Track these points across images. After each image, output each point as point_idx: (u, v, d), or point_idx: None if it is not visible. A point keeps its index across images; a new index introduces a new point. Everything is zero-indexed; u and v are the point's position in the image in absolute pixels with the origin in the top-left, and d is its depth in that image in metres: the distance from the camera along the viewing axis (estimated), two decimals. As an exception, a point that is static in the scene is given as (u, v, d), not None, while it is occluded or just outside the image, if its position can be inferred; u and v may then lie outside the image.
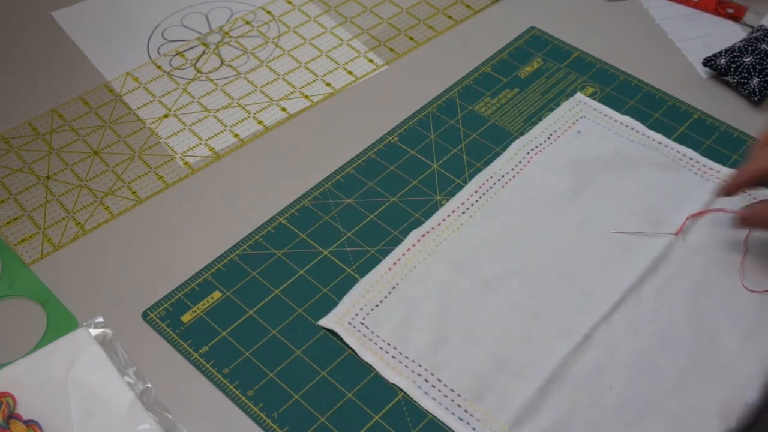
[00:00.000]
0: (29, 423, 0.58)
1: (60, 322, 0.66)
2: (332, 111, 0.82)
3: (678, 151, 0.76)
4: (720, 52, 0.83)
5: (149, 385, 0.62)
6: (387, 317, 0.65)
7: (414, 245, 0.70)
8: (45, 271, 0.70)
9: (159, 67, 0.86)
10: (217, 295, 0.68)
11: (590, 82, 0.83)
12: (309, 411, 0.61)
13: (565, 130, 0.78)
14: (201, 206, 0.74)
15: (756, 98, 0.80)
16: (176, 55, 0.88)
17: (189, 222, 0.73)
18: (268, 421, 0.60)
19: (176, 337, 0.65)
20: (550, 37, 0.88)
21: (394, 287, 0.67)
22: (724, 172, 0.74)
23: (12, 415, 0.58)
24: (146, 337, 0.65)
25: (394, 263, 0.69)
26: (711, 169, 0.74)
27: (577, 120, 0.79)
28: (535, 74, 0.84)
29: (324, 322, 0.65)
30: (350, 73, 0.85)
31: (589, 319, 0.64)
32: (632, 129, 0.78)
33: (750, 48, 0.81)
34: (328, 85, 0.84)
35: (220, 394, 0.62)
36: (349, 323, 0.65)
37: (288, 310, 0.66)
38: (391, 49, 0.88)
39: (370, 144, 0.78)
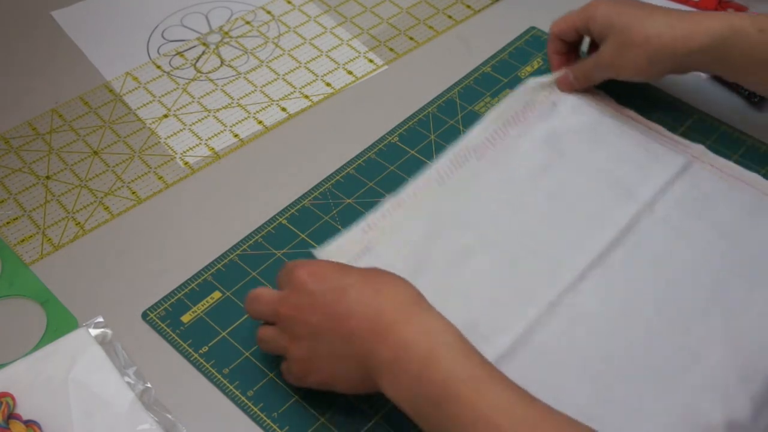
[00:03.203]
0: (29, 423, 0.58)
1: (60, 322, 0.66)
2: (332, 111, 0.82)
3: (649, 128, 0.77)
4: (720, 53, 0.83)
5: (149, 385, 0.62)
6: None
7: (390, 214, 0.70)
8: (45, 271, 0.70)
9: (159, 67, 0.86)
10: (217, 295, 0.68)
11: (590, 82, 0.83)
12: (309, 411, 0.61)
13: (541, 102, 0.78)
14: (201, 206, 0.74)
15: (756, 99, 0.80)
16: (176, 55, 0.88)
17: (189, 222, 0.73)
18: (268, 421, 0.60)
19: (176, 337, 0.65)
20: (550, 37, 0.88)
21: (368, 249, 0.68)
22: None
23: (12, 415, 0.58)
24: (146, 337, 0.65)
25: (370, 228, 0.69)
26: (679, 144, 0.75)
27: (552, 92, 0.79)
28: (535, 74, 0.84)
29: None
30: (350, 73, 0.85)
31: (557, 288, 0.65)
32: (604, 102, 0.78)
33: (750, 48, 0.81)
34: (328, 85, 0.84)
35: (220, 394, 0.62)
36: None
37: (288, 310, 0.66)
38: (391, 49, 0.88)
39: (370, 144, 0.78)
